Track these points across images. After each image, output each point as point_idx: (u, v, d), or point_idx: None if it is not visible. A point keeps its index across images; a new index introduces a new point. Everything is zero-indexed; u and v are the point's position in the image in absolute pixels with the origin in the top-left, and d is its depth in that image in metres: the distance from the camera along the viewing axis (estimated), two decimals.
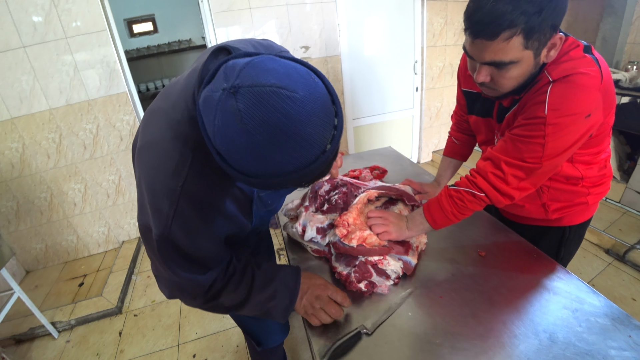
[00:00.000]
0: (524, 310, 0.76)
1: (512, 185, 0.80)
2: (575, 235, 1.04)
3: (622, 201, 2.36)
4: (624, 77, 2.33)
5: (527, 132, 0.75)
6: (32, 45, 1.96)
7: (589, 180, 0.91)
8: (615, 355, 0.64)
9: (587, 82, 0.70)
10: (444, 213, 0.88)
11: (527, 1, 0.63)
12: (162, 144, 0.59)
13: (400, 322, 0.77)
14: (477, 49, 0.72)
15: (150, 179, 0.59)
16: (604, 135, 0.84)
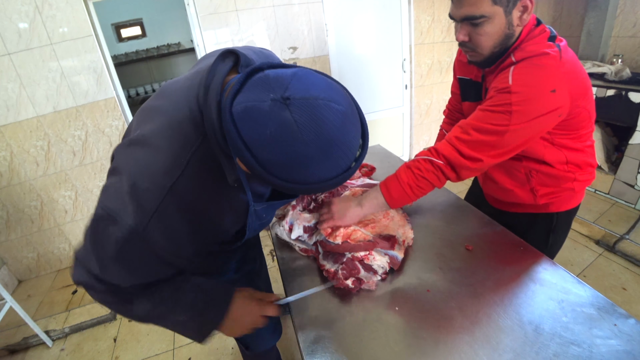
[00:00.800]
0: (510, 303, 0.77)
1: (477, 150, 0.82)
2: (563, 223, 1.06)
3: (611, 192, 2.40)
4: (610, 70, 2.36)
5: (495, 102, 0.80)
6: (17, 52, 1.94)
7: (573, 165, 0.93)
8: (600, 343, 0.65)
9: (546, 61, 0.77)
10: (400, 185, 0.87)
11: None
12: (158, 142, 0.58)
13: (387, 316, 0.77)
14: (455, 8, 0.81)
15: (139, 172, 0.56)
16: (583, 119, 0.86)
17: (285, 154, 0.46)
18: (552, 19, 2.96)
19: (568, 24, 2.84)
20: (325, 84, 0.48)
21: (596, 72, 2.44)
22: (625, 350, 0.64)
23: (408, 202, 0.91)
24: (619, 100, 2.20)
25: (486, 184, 1.12)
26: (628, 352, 0.64)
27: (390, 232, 0.97)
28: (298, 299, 0.83)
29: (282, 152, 0.45)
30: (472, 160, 0.82)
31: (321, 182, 0.49)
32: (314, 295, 0.86)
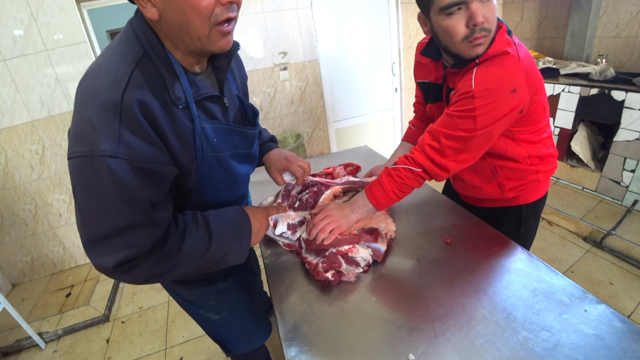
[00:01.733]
0: (484, 292, 0.79)
1: (449, 157, 0.86)
2: (532, 213, 1.10)
3: (598, 190, 2.44)
4: (594, 70, 2.41)
5: (460, 107, 0.82)
6: (12, 58, 1.98)
7: (535, 158, 0.98)
8: (570, 328, 0.68)
9: (505, 60, 0.79)
10: (385, 192, 0.92)
11: None
12: (101, 65, 0.59)
13: (364, 306, 0.80)
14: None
15: (89, 95, 0.56)
16: (539, 113, 0.90)
17: None
18: (537, 21, 3.02)
19: (553, 25, 2.90)
20: None
21: (581, 72, 2.49)
22: (594, 334, 0.67)
23: (393, 204, 0.96)
24: (602, 99, 2.25)
25: (456, 183, 1.16)
26: (597, 335, 0.67)
27: (373, 225, 1.00)
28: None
29: None
30: (441, 169, 0.87)
31: None
32: (295, 286, 0.89)
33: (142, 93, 0.57)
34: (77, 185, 0.56)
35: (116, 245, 0.57)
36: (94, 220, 0.57)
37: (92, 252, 0.58)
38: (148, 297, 2.16)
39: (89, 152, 0.53)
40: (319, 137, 3.02)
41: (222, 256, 0.73)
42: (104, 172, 0.54)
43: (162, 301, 2.10)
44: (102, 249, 0.57)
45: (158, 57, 0.62)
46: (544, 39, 3.02)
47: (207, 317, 1.00)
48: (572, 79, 2.52)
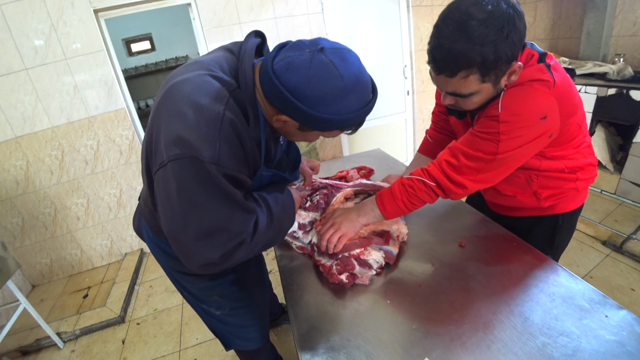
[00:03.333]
0: (500, 296, 0.78)
1: (465, 176, 0.84)
2: (568, 223, 1.05)
3: (617, 192, 2.37)
4: (612, 69, 2.36)
5: (484, 128, 0.80)
6: (33, 67, 2.06)
7: (572, 169, 0.94)
8: (590, 334, 0.66)
9: (537, 87, 0.76)
10: (394, 200, 0.91)
11: (481, 43, 0.67)
12: (202, 79, 0.64)
13: (378, 309, 0.80)
14: (440, 82, 0.79)
15: (193, 103, 0.60)
16: (573, 132, 0.86)
17: (325, 88, 0.59)
18: (551, 21, 2.97)
19: (567, 25, 2.85)
20: (340, 44, 0.64)
21: (597, 72, 2.44)
22: (615, 341, 0.65)
23: (401, 215, 0.94)
24: (620, 99, 2.19)
25: (487, 192, 1.11)
26: (618, 342, 0.65)
27: (384, 227, 1.00)
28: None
29: (323, 87, 0.59)
30: (458, 186, 0.85)
31: (352, 112, 0.62)
32: (309, 289, 0.89)
33: (235, 116, 0.64)
34: (179, 185, 0.60)
35: (222, 236, 0.64)
36: (200, 216, 0.61)
37: (199, 248, 0.63)
38: (162, 299, 2.20)
39: (192, 154, 0.59)
40: (331, 141, 3.03)
41: (280, 225, 0.80)
42: (207, 174, 0.60)
43: (177, 303, 2.13)
44: (209, 243, 0.63)
45: (248, 100, 0.67)
46: (558, 39, 2.97)
47: (209, 311, 1.03)
48: (588, 79, 2.47)
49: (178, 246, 0.64)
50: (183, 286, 1.00)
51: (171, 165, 0.60)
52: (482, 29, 0.66)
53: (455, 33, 0.68)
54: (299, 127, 0.67)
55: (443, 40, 0.70)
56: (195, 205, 0.61)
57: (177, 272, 0.97)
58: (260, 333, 1.12)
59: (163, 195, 0.63)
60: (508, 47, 0.69)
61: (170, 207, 0.62)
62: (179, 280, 0.99)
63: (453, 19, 0.69)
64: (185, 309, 2.07)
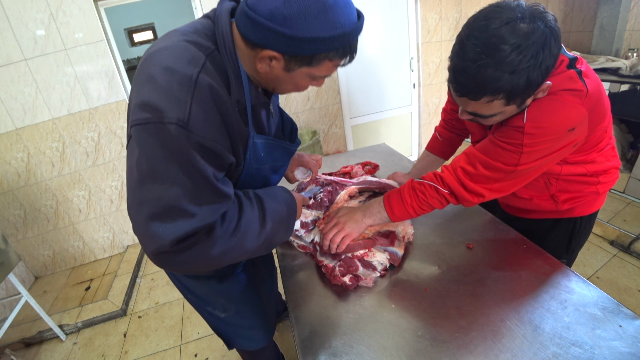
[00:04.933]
0: (509, 302, 0.75)
1: (481, 184, 0.80)
2: (586, 227, 1.01)
3: (627, 191, 2.32)
4: (624, 64, 2.29)
5: (507, 139, 0.74)
6: (33, 57, 2.02)
7: (594, 172, 0.89)
8: (603, 345, 0.64)
9: (568, 98, 0.69)
10: (403, 204, 0.87)
11: (512, 70, 0.60)
12: (177, 45, 0.60)
13: (382, 313, 0.77)
14: (460, 102, 0.74)
15: (164, 68, 0.56)
16: (598, 137, 0.82)
17: (303, 4, 0.52)
18: (563, 14, 2.88)
19: (580, 18, 2.76)
20: None
21: (610, 67, 2.37)
22: (629, 352, 0.62)
23: (409, 218, 0.91)
24: (633, 96, 2.13)
25: None
26: (632, 354, 0.62)
27: (390, 228, 0.97)
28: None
29: (300, 4, 0.52)
30: (474, 195, 0.81)
31: (338, 28, 0.56)
32: (311, 290, 0.87)
33: (213, 80, 0.59)
34: (140, 154, 0.55)
35: (178, 217, 0.55)
36: (157, 191, 0.54)
37: (151, 228, 0.55)
38: (164, 292, 2.20)
39: (157, 119, 0.53)
40: (335, 134, 2.99)
41: (273, 235, 0.72)
42: (170, 139, 0.53)
43: (178, 297, 2.13)
44: (162, 224, 0.54)
45: (229, 59, 0.63)
46: (569, 33, 2.88)
47: (214, 313, 1.01)
48: (600, 74, 2.40)
49: (134, 228, 0.57)
50: (187, 288, 0.97)
51: (134, 131, 0.55)
52: (514, 55, 0.60)
53: (483, 57, 0.62)
54: (285, 67, 0.61)
55: (468, 63, 0.64)
56: (153, 177, 0.54)
57: (182, 275, 0.94)
58: (264, 333, 1.11)
59: (127, 170, 0.57)
60: (540, 74, 0.63)
61: (130, 182, 0.56)
62: (183, 283, 0.96)
63: (482, 39, 0.62)
64: (187, 303, 2.07)
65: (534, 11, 0.62)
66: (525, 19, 0.61)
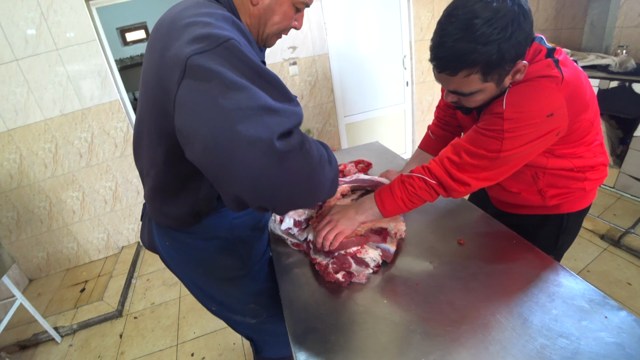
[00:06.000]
0: (499, 296, 0.77)
1: (468, 173, 0.82)
2: (574, 223, 1.03)
3: (617, 186, 2.36)
4: (614, 61, 2.32)
5: (488, 125, 0.78)
6: (24, 58, 2.00)
7: (581, 168, 0.91)
8: (589, 336, 0.65)
9: (544, 84, 0.73)
10: (393, 199, 0.89)
11: (484, 42, 0.65)
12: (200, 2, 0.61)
13: (375, 308, 0.79)
14: (442, 80, 0.78)
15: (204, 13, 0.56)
16: (584, 129, 0.83)
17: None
18: (555, 11, 2.91)
19: (571, 15, 2.79)
20: None
21: (600, 64, 2.40)
22: (615, 342, 0.64)
23: (400, 213, 0.92)
24: (622, 92, 2.16)
25: (492, 188, 1.09)
26: (618, 344, 0.64)
27: (382, 225, 0.98)
28: None
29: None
30: (461, 184, 0.83)
31: None
32: (305, 287, 0.88)
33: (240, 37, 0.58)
34: (208, 77, 0.49)
35: (268, 116, 0.50)
36: (242, 99, 0.49)
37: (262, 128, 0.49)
38: (160, 292, 2.20)
39: (215, 42, 0.50)
40: (329, 133, 3.00)
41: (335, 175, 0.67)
42: (232, 50, 0.51)
43: (174, 297, 2.13)
44: (258, 126, 0.49)
45: (232, 12, 0.66)
46: (561, 30, 2.92)
47: (244, 322, 0.99)
48: (590, 71, 2.43)
49: (229, 151, 0.48)
50: (213, 299, 0.94)
51: (196, 59, 0.49)
52: (485, 27, 0.65)
53: (458, 31, 0.67)
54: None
55: (445, 38, 0.69)
56: (230, 89, 0.48)
57: (209, 282, 0.90)
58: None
59: (193, 105, 0.49)
60: (512, 47, 0.67)
61: (205, 112, 0.48)
62: (209, 292, 0.93)
63: (457, 16, 0.67)
64: (183, 302, 2.07)
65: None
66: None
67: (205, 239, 0.84)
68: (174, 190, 0.72)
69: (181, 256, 0.86)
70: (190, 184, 0.71)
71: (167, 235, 0.84)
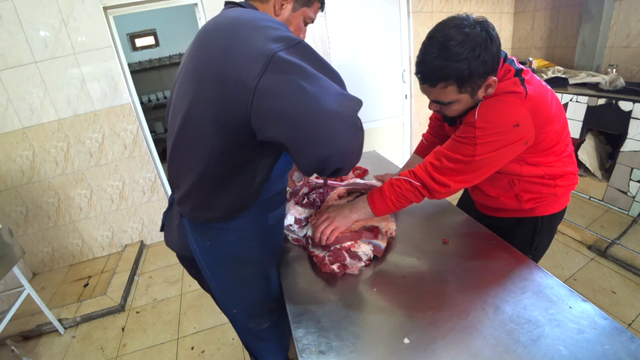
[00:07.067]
0: (476, 288, 0.85)
1: (447, 176, 0.93)
2: (547, 226, 1.13)
3: (604, 199, 2.44)
4: (604, 80, 2.43)
5: (463, 133, 0.90)
6: (42, 60, 2.12)
7: (551, 175, 1.01)
8: (553, 323, 0.74)
9: (509, 98, 0.86)
10: (383, 199, 0.99)
11: (457, 60, 0.80)
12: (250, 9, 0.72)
13: (365, 296, 0.87)
14: (424, 90, 0.92)
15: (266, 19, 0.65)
16: (551, 141, 0.94)
17: None
18: (548, 30, 3.05)
19: (564, 34, 2.92)
20: None
21: (590, 82, 2.52)
22: (576, 329, 0.72)
23: (390, 212, 1.02)
24: (610, 109, 2.27)
25: (474, 192, 1.19)
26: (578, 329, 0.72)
27: (374, 223, 1.07)
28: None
29: None
30: (441, 185, 0.94)
31: None
32: (303, 277, 0.96)
33: None
34: (307, 62, 0.59)
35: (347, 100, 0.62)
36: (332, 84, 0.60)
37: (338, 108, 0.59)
38: (161, 289, 2.27)
39: (291, 42, 0.60)
40: None
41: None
42: (309, 49, 0.62)
43: (175, 294, 2.20)
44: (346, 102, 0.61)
45: None
46: (554, 48, 3.05)
47: (255, 329, 1.02)
48: (580, 88, 2.54)
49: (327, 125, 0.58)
50: (236, 301, 0.96)
51: (280, 55, 0.57)
52: (457, 48, 0.79)
53: (436, 50, 0.82)
54: (293, 7, 0.80)
55: (427, 56, 0.84)
56: (329, 72, 0.61)
57: (240, 282, 0.92)
58: (284, 345, 1.16)
59: (280, 91, 0.57)
60: (480, 65, 0.81)
61: (295, 95, 0.56)
62: (235, 294, 0.94)
63: (436, 38, 0.82)
64: (184, 299, 2.14)
65: (477, 20, 0.82)
66: (469, 25, 0.80)
67: (243, 232, 0.86)
68: (227, 179, 0.74)
69: (221, 255, 0.87)
70: (245, 172, 0.75)
71: (206, 235, 0.85)
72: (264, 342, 1.09)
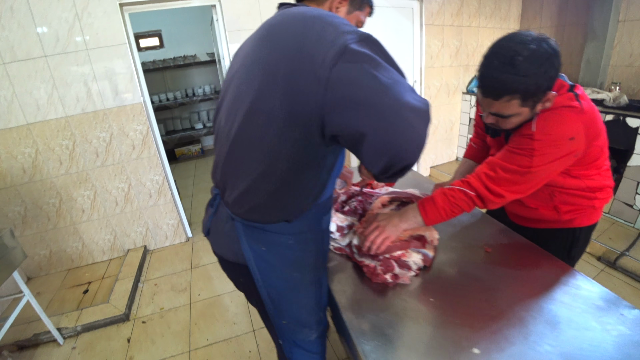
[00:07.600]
0: (528, 296, 0.85)
1: (503, 187, 0.93)
2: (584, 237, 1.15)
3: (611, 212, 2.50)
4: (608, 97, 2.52)
5: (520, 145, 0.92)
6: (53, 55, 2.04)
7: (592, 188, 1.03)
8: (610, 329, 0.74)
9: (567, 112, 0.89)
10: (436, 209, 0.98)
11: (524, 74, 0.81)
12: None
13: (424, 306, 0.84)
14: (485, 103, 0.92)
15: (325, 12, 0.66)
16: (595, 154, 0.97)
17: None
18: None
19: (569, 52, 3.02)
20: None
21: (595, 99, 2.59)
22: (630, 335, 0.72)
23: (440, 222, 1.01)
24: (617, 125, 2.34)
25: (511, 203, 1.16)
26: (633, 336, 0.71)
27: (420, 232, 1.05)
28: None
29: None
30: (496, 195, 0.94)
31: None
32: (354, 288, 0.93)
33: None
34: (378, 55, 0.60)
35: (416, 94, 0.62)
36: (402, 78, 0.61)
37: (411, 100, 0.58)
38: (169, 298, 2.17)
39: (366, 35, 0.62)
40: None
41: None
42: (381, 44, 0.64)
43: (184, 303, 2.11)
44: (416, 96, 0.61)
45: None
46: None
47: (304, 341, 0.95)
48: None
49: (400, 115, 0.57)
50: (288, 310, 0.90)
51: (353, 46, 0.58)
52: (525, 64, 0.80)
53: (503, 66, 0.83)
54: (347, 10, 0.82)
55: (492, 70, 0.85)
56: (393, 65, 0.62)
57: (294, 289, 0.86)
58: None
59: (354, 80, 0.57)
60: (545, 80, 0.83)
61: (368, 83, 0.56)
62: (287, 303, 0.88)
63: (502, 54, 0.83)
64: (194, 308, 2.05)
65: (540, 36, 0.83)
66: (534, 41, 0.81)
67: (301, 235, 0.82)
68: (290, 178, 0.71)
69: (278, 260, 0.82)
70: (308, 171, 0.72)
71: (262, 240, 0.80)
72: (310, 354, 1.04)
